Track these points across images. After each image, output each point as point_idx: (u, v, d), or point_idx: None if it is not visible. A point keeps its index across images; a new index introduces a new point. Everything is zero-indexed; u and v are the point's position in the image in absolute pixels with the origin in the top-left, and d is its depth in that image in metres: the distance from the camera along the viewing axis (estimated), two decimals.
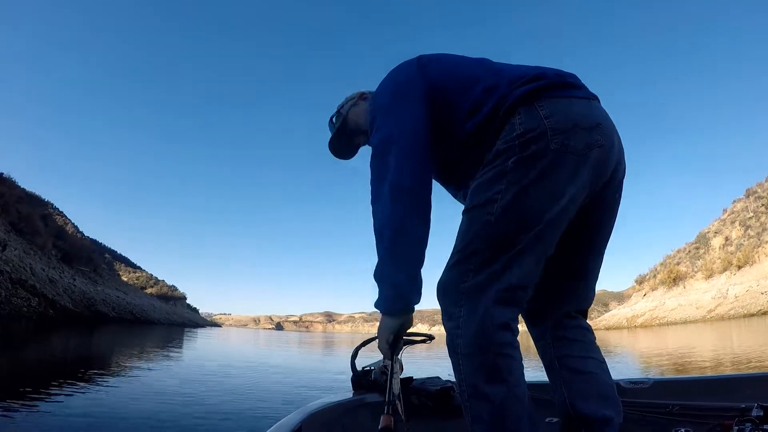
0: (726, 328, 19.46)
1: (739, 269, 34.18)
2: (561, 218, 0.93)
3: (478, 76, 1.02)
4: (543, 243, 0.93)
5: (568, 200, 0.92)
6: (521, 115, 0.94)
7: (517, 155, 0.92)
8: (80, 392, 4.43)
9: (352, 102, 1.34)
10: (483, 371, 0.86)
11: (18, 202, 26.87)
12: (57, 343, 10.68)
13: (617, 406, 1.04)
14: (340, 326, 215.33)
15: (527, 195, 0.90)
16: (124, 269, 55.84)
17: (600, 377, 1.07)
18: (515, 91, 0.96)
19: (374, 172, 1.03)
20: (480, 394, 0.86)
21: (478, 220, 0.94)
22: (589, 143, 0.92)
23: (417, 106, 1.03)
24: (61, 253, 30.03)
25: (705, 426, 1.31)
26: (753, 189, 42.92)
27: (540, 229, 0.91)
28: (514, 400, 0.85)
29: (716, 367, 6.33)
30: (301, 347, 20.03)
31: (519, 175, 0.91)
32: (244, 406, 4.34)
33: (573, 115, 0.94)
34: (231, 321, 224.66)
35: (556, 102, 0.94)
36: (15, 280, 17.70)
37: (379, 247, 1.00)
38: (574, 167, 0.91)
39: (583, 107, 0.97)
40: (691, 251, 44.48)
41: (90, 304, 26.25)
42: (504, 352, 0.87)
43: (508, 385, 0.85)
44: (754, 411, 1.21)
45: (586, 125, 0.93)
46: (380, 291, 1.01)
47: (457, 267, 0.95)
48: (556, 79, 0.98)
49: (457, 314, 0.91)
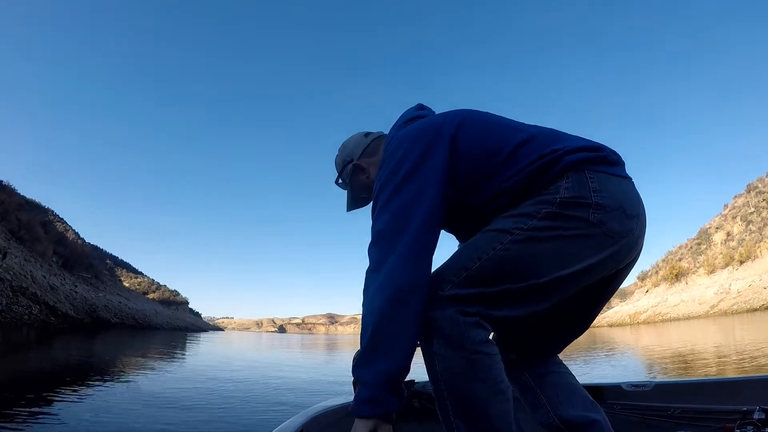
0: (729, 324, 19.42)
1: (741, 264, 34.17)
2: (566, 284, 0.91)
3: (524, 137, 0.98)
4: (536, 294, 0.90)
5: (581, 272, 0.90)
6: (569, 179, 0.92)
7: (553, 209, 0.90)
8: (83, 399, 4.40)
9: (347, 172, 1.26)
10: (459, 371, 0.85)
11: (18, 209, 26.87)
12: (59, 350, 10.66)
13: (599, 408, 1.07)
14: (343, 327, 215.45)
15: (542, 246, 0.89)
16: (126, 275, 55.88)
17: (575, 386, 1.10)
18: (569, 156, 0.93)
19: (371, 260, 0.95)
20: (459, 394, 0.85)
21: (487, 243, 0.91)
22: (625, 230, 0.92)
23: (435, 191, 0.94)
24: (62, 260, 30.04)
25: (706, 429, 1.30)
26: (753, 184, 42.96)
27: (540, 283, 0.88)
28: (497, 397, 0.85)
29: (723, 366, 6.29)
30: (304, 350, 20.00)
31: (545, 225, 0.89)
32: (248, 411, 4.31)
33: (621, 196, 0.93)
34: (234, 324, 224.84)
35: (607, 179, 0.93)
36: (16, 288, 17.69)
37: (362, 340, 0.91)
38: (601, 246, 0.90)
39: (631, 192, 0.97)
40: (692, 247, 44.51)
41: (92, 310, 26.24)
42: (480, 349, 0.85)
43: (488, 382, 0.85)
44: (756, 414, 1.20)
45: (630, 212, 0.93)
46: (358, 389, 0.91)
47: (441, 276, 0.92)
48: (611, 155, 0.97)
49: (428, 319, 0.89)
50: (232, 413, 4.12)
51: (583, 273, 0.91)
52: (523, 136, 0.98)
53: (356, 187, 1.26)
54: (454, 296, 0.88)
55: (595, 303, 1.08)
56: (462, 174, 0.98)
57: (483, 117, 1.05)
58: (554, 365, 1.15)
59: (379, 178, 1.01)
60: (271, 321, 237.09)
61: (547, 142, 0.97)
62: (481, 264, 0.89)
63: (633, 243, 0.95)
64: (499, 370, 0.87)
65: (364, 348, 0.90)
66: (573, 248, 0.89)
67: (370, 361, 0.88)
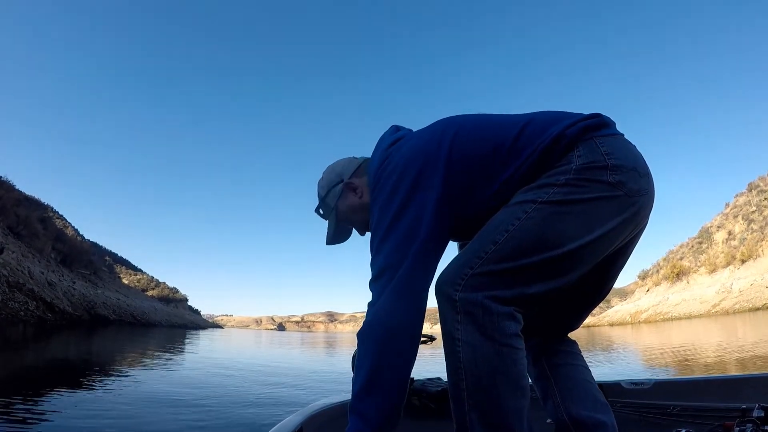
0: (731, 323, 19.34)
1: (743, 263, 34.07)
2: (591, 251, 0.89)
3: (518, 127, 0.96)
4: (564, 265, 0.88)
5: (603, 235, 0.89)
6: (579, 149, 0.91)
7: (572, 176, 0.89)
8: (80, 396, 4.34)
9: (335, 194, 1.20)
10: (486, 362, 0.82)
11: (16, 205, 26.79)
12: (56, 346, 10.57)
13: (609, 410, 1.05)
14: (342, 326, 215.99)
15: (566, 211, 0.87)
16: (125, 272, 55.86)
17: (590, 384, 1.09)
18: (570, 129, 0.92)
19: (372, 295, 0.97)
20: (482, 386, 0.82)
21: (511, 215, 0.90)
22: (641, 189, 0.92)
23: (432, 219, 0.94)
24: (60, 256, 29.98)
25: (706, 427, 1.29)
26: (755, 183, 42.82)
27: (566, 251, 0.86)
28: (516, 393, 0.83)
29: (725, 365, 6.20)
30: (303, 348, 19.93)
31: (566, 191, 0.88)
32: (248, 409, 4.23)
33: (632, 157, 0.93)
34: (233, 322, 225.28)
35: (614, 140, 0.94)
36: (12, 283, 17.58)
37: (357, 378, 0.94)
38: (621, 207, 0.89)
39: (638, 152, 0.97)
40: (694, 246, 44.38)
41: (90, 307, 26.16)
42: (509, 342, 0.83)
43: (511, 377, 0.82)
44: (755, 411, 1.20)
45: (643, 171, 0.93)
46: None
47: (460, 260, 0.91)
48: (609, 119, 0.98)
49: (454, 302, 0.86)
50: (234, 411, 4.04)
51: (608, 236, 0.89)
52: (518, 129, 0.96)
53: (345, 210, 1.20)
54: (486, 272, 0.86)
55: (611, 273, 1.07)
56: (464, 185, 0.97)
57: (475, 122, 1.02)
58: (573, 357, 1.13)
59: (373, 212, 1.01)
60: (270, 319, 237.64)
61: (544, 126, 0.95)
62: (510, 235, 0.88)
63: (649, 202, 0.95)
64: (523, 366, 0.85)
65: (360, 387, 0.92)
66: (596, 211, 0.88)
67: (366, 400, 0.91)
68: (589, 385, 1.08)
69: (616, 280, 1.10)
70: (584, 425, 1.01)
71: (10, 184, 28.22)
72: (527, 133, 0.94)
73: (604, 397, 1.08)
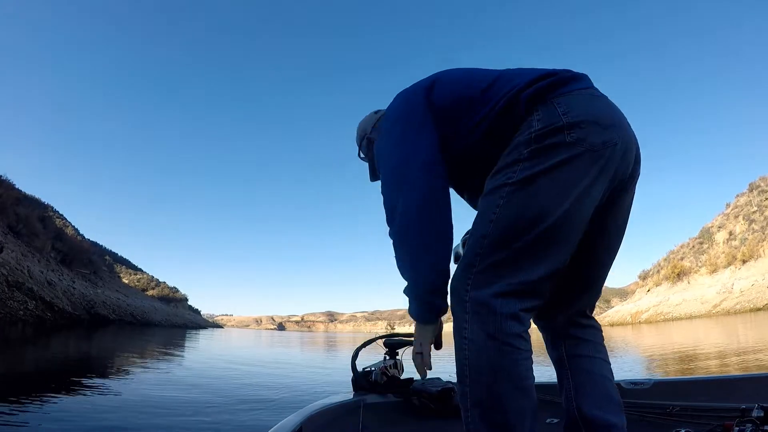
0: (732, 323, 19.28)
1: (744, 263, 33.99)
2: (574, 215, 0.90)
3: (488, 81, 1.02)
4: (555, 238, 0.89)
5: (582, 196, 0.90)
6: (539, 112, 0.93)
7: (533, 146, 0.91)
8: (80, 396, 4.32)
9: (363, 148, 1.41)
10: (487, 359, 0.85)
11: (15, 203, 26.74)
12: (56, 346, 10.56)
13: (621, 411, 1.04)
14: (342, 326, 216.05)
15: (537, 184, 0.89)
16: (125, 271, 55.79)
17: (607, 380, 1.07)
18: (528, 90, 0.95)
19: (387, 214, 1.05)
20: (482, 381, 0.85)
21: (490, 204, 0.93)
22: (606, 141, 0.91)
23: (425, 133, 1.03)
24: (60, 256, 29.92)
25: (705, 427, 1.29)
26: (756, 183, 42.73)
27: (551, 223, 0.88)
28: (516, 392, 0.84)
29: (725, 366, 6.17)
30: (304, 348, 19.89)
31: (532, 164, 0.90)
32: (248, 410, 4.21)
33: (592, 110, 0.93)
34: (233, 322, 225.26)
35: (573, 97, 0.94)
36: (12, 282, 17.53)
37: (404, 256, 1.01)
38: (589, 163, 0.89)
39: (603, 104, 0.96)
40: (694, 246, 44.29)
41: (90, 306, 26.11)
42: (511, 342, 0.85)
43: (512, 376, 0.84)
44: (755, 412, 1.19)
45: (605, 123, 0.92)
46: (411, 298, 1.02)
47: (464, 261, 0.94)
48: (568, 74, 0.98)
49: (464, 302, 0.90)
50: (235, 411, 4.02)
51: (584, 197, 0.90)
52: (488, 80, 1.01)
53: (371, 160, 1.38)
54: (487, 267, 0.89)
55: (613, 230, 1.06)
56: (444, 127, 1.04)
57: (457, 71, 1.11)
58: (593, 349, 1.11)
59: (377, 151, 1.13)
60: (270, 318, 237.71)
61: (509, 78, 0.99)
62: (494, 225, 0.90)
63: (621, 153, 0.94)
64: (526, 368, 0.86)
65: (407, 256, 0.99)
66: (565, 176, 0.89)
67: (416, 266, 0.97)
68: (604, 381, 1.06)
69: (622, 237, 1.09)
70: (593, 424, 1.01)
71: (9, 182, 28.15)
72: (495, 86, 1.00)
73: (619, 395, 1.06)
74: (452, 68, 1.13)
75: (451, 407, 1.68)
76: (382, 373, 1.98)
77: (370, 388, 1.90)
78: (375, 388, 1.90)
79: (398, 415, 1.72)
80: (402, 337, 2.20)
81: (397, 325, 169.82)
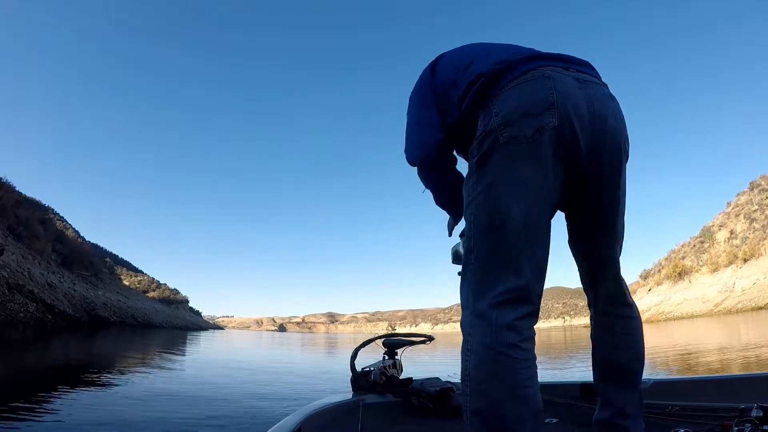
0: (734, 322, 19.21)
1: (745, 262, 33.96)
2: (535, 209, 0.93)
3: (467, 63, 1.08)
4: (526, 237, 0.92)
5: (535, 188, 0.92)
6: (481, 116, 0.99)
7: (477, 155, 0.97)
8: (82, 399, 4.32)
9: None
10: (485, 368, 0.88)
11: (16, 206, 26.75)
12: (57, 348, 10.53)
13: (638, 400, 1.08)
14: (343, 326, 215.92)
15: (493, 193, 0.93)
16: (126, 273, 55.82)
17: (622, 366, 1.09)
18: (470, 93, 1.02)
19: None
20: (481, 390, 0.88)
21: (467, 224, 1.00)
22: (539, 127, 0.91)
23: (425, 103, 1.18)
24: (60, 258, 29.93)
25: (704, 427, 1.29)
26: (756, 182, 42.73)
27: (516, 225, 0.92)
28: (514, 401, 0.85)
29: (728, 364, 6.13)
30: (305, 349, 19.85)
31: (481, 174, 0.96)
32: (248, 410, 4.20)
33: (522, 100, 0.94)
34: (234, 323, 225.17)
35: (506, 93, 0.96)
36: (12, 285, 17.53)
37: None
38: (526, 155, 0.91)
39: (537, 89, 0.94)
40: (695, 245, 44.27)
41: (90, 308, 26.12)
42: (507, 353, 0.87)
43: (509, 384, 0.86)
44: (754, 411, 1.19)
45: (537, 110, 0.92)
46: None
47: (462, 277, 1.01)
48: (511, 64, 0.99)
49: (469, 315, 0.95)
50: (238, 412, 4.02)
51: (539, 189, 0.93)
52: (469, 60, 1.08)
53: None
54: (482, 279, 0.94)
55: (600, 212, 1.06)
56: (442, 100, 1.14)
57: (457, 50, 1.19)
58: (618, 337, 1.11)
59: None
60: (271, 320, 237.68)
61: (478, 62, 1.05)
62: (473, 240, 0.97)
63: (564, 130, 0.93)
64: (525, 377, 0.87)
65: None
66: (510, 175, 0.93)
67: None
68: (619, 366, 1.10)
69: (616, 213, 1.07)
70: (603, 396, 1.11)
71: (9, 185, 28.18)
72: (471, 67, 1.05)
73: (633, 380, 1.09)
74: (462, 45, 1.21)
75: (450, 407, 1.67)
76: (381, 373, 1.98)
77: (369, 388, 1.90)
78: (374, 388, 1.90)
79: (397, 414, 1.72)
80: (401, 337, 2.20)
81: (398, 326, 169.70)
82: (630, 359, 1.09)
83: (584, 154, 0.96)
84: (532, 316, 0.93)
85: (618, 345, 1.10)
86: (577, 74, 0.99)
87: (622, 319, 1.12)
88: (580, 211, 1.08)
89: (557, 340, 23.09)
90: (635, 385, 1.08)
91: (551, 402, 1.71)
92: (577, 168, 0.97)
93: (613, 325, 1.12)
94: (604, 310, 1.13)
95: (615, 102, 1.03)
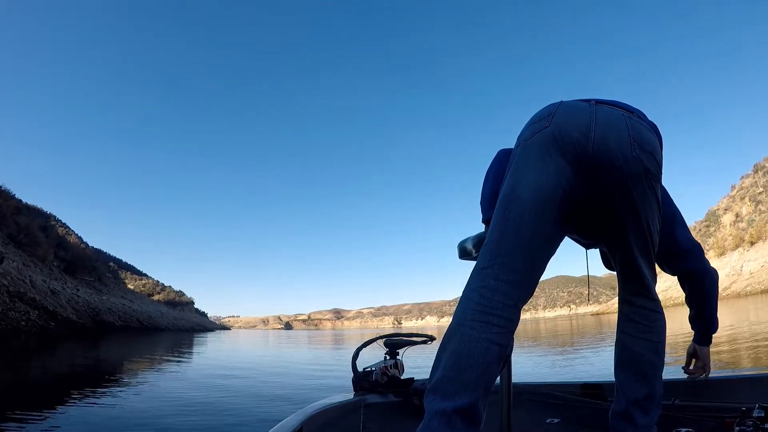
0: (743, 306, 18.98)
1: (752, 245, 33.70)
2: (534, 199, 0.99)
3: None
4: (520, 224, 0.98)
5: (536, 181, 0.99)
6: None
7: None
8: (89, 405, 4.27)
9: None
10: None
11: (15, 213, 26.63)
12: (61, 356, 10.41)
13: (654, 397, 1.10)
14: (349, 322, 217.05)
15: (507, 183, 1.05)
16: (130, 277, 55.93)
17: (643, 357, 1.12)
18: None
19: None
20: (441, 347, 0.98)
21: None
22: (534, 130, 1.04)
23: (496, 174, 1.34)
24: (63, 264, 29.88)
25: (706, 426, 1.30)
26: (761, 164, 42.34)
27: (516, 212, 0.99)
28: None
29: (738, 354, 5.97)
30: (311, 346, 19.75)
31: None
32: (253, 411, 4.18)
33: (533, 117, 1.08)
34: (240, 323, 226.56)
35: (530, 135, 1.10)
36: (13, 293, 17.38)
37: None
38: (525, 152, 1.04)
39: (545, 109, 1.07)
40: (701, 229, 43.98)
41: (94, 314, 26.04)
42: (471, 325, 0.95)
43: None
44: (755, 412, 1.20)
45: (536, 119, 1.06)
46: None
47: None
48: (529, 126, 1.10)
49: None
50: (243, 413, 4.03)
51: (538, 176, 1.00)
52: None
53: None
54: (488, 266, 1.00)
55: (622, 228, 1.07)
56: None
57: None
58: (640, 329, 1.14)
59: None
60: (277, 318, 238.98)
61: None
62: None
63: (556, 129, 1.00)
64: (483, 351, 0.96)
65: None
66: (515, 168, 1.05)
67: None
68: (640, 358, 1.12)
69: (651, 229, 1.07)
70: (618, 388, 1.15)
71: (8, 192, 28.06)
72: None
73: (654, 373, 1.11)
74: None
75: None
76: (382, 373, 1.99)
77: (371, 388, 1.92)
78: (375, 388, 1.91)
79: (399, 415, 1.72)
80: (402, 337, 2.22)
81: (404, 320, 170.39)
82: (648, 349, 1.12)
83: (591, 155, 0.99)
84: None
85: (637, 334, 1.14)
86: (599, 106, 1.04)
87: (644, 310, 1.15)
88: (604, 224, 1.12)
89: (563, 330, 22.90)
90: (651, 380, 1.10)
91: (553, 402, 1.74)
92: (603, 192, 1.02)
93: (635, 314, 1.15)
94: (629, 300, 1.17)
95: (634, 121, 1.04)
